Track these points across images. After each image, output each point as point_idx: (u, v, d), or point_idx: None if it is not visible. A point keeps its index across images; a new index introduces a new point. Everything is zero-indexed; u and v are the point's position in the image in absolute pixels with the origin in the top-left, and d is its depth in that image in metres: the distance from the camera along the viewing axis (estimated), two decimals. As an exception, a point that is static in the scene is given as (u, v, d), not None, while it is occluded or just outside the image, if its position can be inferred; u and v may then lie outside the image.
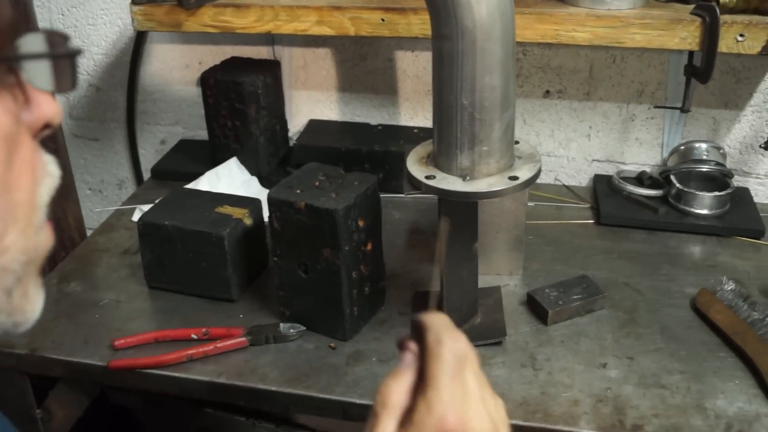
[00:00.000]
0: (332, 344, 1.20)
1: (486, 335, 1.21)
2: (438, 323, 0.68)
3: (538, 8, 1.34)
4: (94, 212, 1.97)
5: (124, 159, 1.91)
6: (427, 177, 1.06)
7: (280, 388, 1.13)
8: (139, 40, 1.73)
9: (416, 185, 1.07)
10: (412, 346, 0.68)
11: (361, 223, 1.16)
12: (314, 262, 1.17)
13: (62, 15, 1.78)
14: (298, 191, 1.16)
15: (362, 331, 1.23)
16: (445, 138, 1.05)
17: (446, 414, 0.62)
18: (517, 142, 1.13)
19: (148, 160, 1.87)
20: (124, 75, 1.79)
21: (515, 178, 1.05)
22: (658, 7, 1.35)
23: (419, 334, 0.68)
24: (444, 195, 1.05)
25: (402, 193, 1.58)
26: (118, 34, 1.77)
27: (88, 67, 1.83)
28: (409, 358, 0.68)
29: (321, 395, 1.11)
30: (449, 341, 0.65)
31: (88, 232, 1.54)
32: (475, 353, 0.68)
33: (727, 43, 1.28)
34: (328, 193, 1.15)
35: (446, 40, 0.98)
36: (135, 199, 1.63)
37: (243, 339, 1.20)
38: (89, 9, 1.76)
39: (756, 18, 1.28)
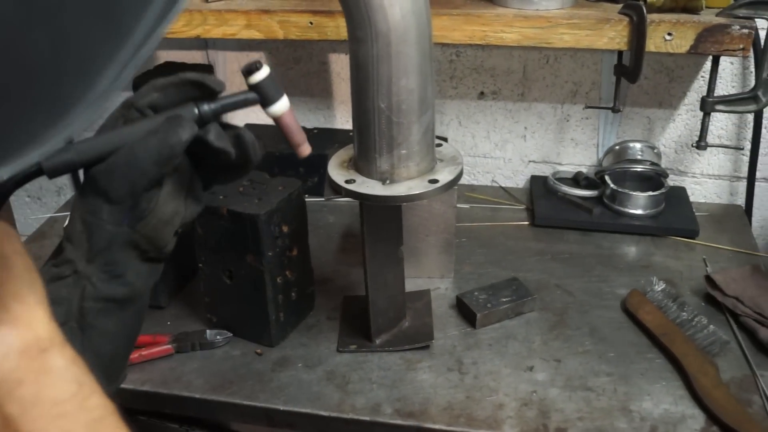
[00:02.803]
0: (259, 350, 1.19)
1: (413, 339, 1.20)
2: None
3: (465, 9, 1.33)
4: (29, 219, 1.95)
5: (62, 165, 1.88)
6: (347, 181, 1.05)
7: (204, 396, 1.12)
8: (74, 45, 1.71)
9: (336, 189, 1.06)
10: None
11: (285, 229, 1.15)
12: (238, 267, 1.16)
13: (-5, 20, 1.74)
14: (221, 197, 1.15)
15: (290, 337, 1.22)
16: (364, 142, 1.03)
17: None
18: (440, 145, 1.12)
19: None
20: (59, 81, 1.76)
21: (435, 181, 1.04)
22: (587, 6, 1.35)
23: None
24: (363, 199, 1.04)
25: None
26: (53, 40, 1.74)
27: (23, 73, 1.79)
28: None
29: (245, 402, 1.10)
30: None
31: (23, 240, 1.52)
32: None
33: (655, 42, 1.28)
34: (251, 198, 1.14)
35: (361, 44, 0.97)
36: (69, 206, 1.60)
37: (168, 346, 1.19)
38: (23, 15, 1.72)
39: (684, 17, 1.28)
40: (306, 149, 0.88)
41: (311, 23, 1.35)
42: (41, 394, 0.56)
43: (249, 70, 0.82)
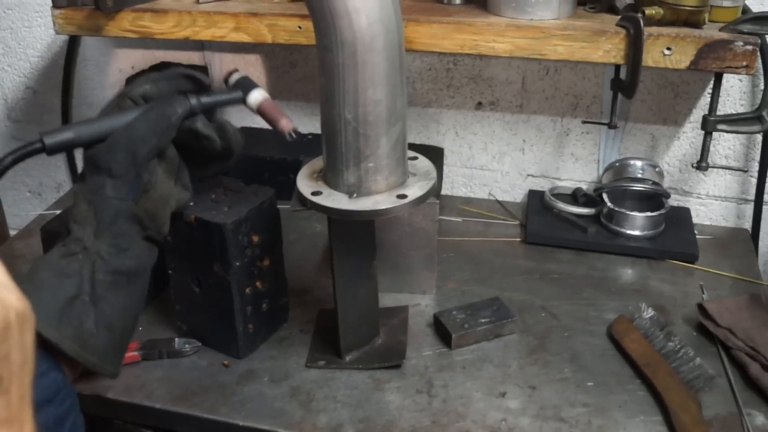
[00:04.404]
0: (226, 362, 1.16)
1: (384, 358, 1.16)
2: None
3: (457, 17, 1.28)
4: (30, 215, 1.94)
5: (62, 162, 1.88)
6: (313, 193, 1.01)
7: (164, 406, 1.09)
8: (73, 43, 1.70)
9: (303, 201, 1.03)
10: None
11: (255, 239, 1.11)
12: (206, 276, 1.13)
13: (-2, 17, 1.76)
14: (192, 204, 1.12)
15: (259, 349, 1.18)
16: (332, 153, 1.00)
17: None
18: (415, 158, 1.08)
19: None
20: (59, 78, 1.76)
21: (404, 196, 1.00)
22: (584, 17, 1.29)
23: None
24: (327, 213, 1.00)
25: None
26: (53, 37, 1.74)
27: (24, 69, 1.81)
28: None
29: (204, 415, 1.07)
30: None
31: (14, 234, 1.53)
32: None
33: (653, 56, 1.22)
34: (221, 206, 1.11)
35: (327, 52, 0.93)
36: (60, 204, 1.60)
37: (135, 353, 1.16)
38: (24, 11, 1.74)
39: (684, 30, 1.22)
40: (287, 124, 0.98)
41: (300, 27, 1.32)
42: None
43: (228, 74, 1.02)
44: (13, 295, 0.53)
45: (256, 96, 1.00)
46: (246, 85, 1.01)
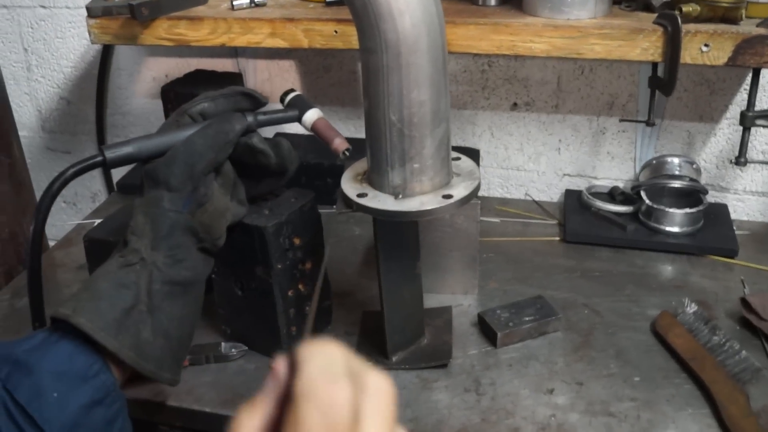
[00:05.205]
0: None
1: (431, 357, 1.16)
2: (318, 361, 0.46)
3: (493, 18, 1.29)
4: (66, 225, 1.96)
5: (96, 172, 1.90)
6: (359, 195, 1.02)
7: (215, 410, 1.10)
8: (106, 53, 1.72)
9: (348, 203, 1.04)
10: (280, 368, 0.49)
11: (297, 241, 1.12)
12: (248, 280, 1.14)
13: (31, 28, 1.78)
14: (235, 209, 1.13)
15: (304, 352, 1.19)
16: (376, 155, 1.00)
17: None
18: (458, 158, 1.09)
19: (120, 172, 1.85)
20: (93, 88, 1.78)
21: (449, 196, 1.00)
22: (621, 16, 1.30)
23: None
24: (374, 214, 1.01)
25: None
26: (86, 47, 1.75)
27: (58, 80, 1.82)
28: (271, 385, 0.48)
29: (254, 418, 1.08)
30: (321, 398, 0.44)
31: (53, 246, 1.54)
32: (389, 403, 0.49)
33: (691, 53, 1.22)
34: (261, 209, 1.11)
35: (371, 54, 0.94)
36: (97, 214, 1.61)
37: (183, 359, 1.17)
38: (57, 22, 1.76)
39: (722, 27, 1.22)
40: (341, 144, 1.04)
41: (336, 32, 1.32)
42: None
43: (284, 93, 1.07)
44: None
45: (311, 115, 1.06)
46: (302, 104, 1.07)
